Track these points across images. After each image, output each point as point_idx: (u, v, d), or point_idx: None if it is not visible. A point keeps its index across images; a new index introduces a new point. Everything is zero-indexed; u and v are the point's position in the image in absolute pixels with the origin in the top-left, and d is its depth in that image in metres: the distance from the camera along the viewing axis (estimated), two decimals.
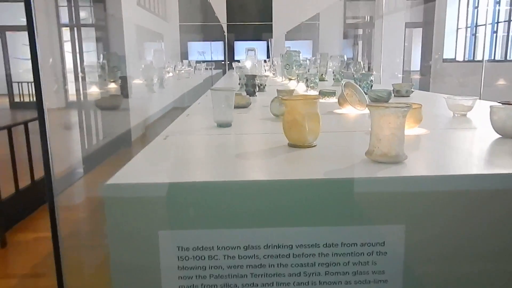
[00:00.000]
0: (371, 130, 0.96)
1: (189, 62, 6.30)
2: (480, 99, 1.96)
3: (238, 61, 4.62)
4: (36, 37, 1.15)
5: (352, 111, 1.74)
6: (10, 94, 7.43)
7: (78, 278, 1.51)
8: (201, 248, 0.86)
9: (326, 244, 0.87)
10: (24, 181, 3.37)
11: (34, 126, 3.54)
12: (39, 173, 3.56)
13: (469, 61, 7.51)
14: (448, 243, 0.89)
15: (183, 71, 5.53)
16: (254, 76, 2.36)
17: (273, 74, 4.29)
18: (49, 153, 1.21)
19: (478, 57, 7.40)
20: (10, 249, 2.86)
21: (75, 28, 4.30)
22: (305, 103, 1.08)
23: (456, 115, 1.61)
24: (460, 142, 1.23)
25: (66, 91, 4.38)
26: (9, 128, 3.21)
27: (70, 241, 1.34)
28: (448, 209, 0.88)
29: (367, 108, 1.74)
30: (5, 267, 2.69)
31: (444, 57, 7.71)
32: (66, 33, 4.77)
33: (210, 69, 6.85)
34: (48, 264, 2.71)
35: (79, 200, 3.05)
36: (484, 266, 0.90)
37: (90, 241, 2.77)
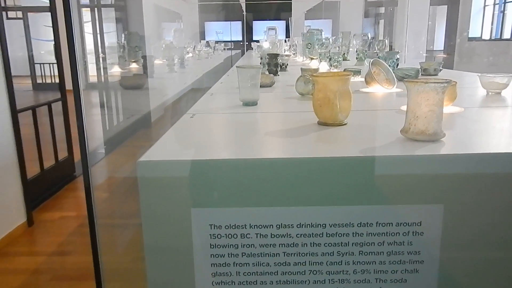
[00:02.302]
0: (407, 107, 0.92)
1: (207, 42, 6.26)
2: None
3: (257, 41, 4.55)
4: (72, 17, 1.14)
5: (380, 89, 1.70)
6: (33, 75, 7.53)
7: (111, 257, 1.53)
8: (233, 226, 0.85)
9: (361, 223, 0.85)
10: (49, 161, 3.44)
11: (56, 107, 3.58)
12: (62, 154, 3.63)
13: (496, 39, 7.24)
14: (487, 226, 0.86)
15: (202, 52, 5.50)
16: (276, 55, 2.32)
17: (294, 54, 4.22)
18: (85, 132, 1.21)
19: (505, 35, 7.12)
20: (37, 227, 2.94)
21: (95, 9, 4.29)
22: (337, 80, 1.05)
23: (490, 93, 1.55)
24: (498, 121, 1.18)
25: (86, 72, 4.41)
26: (33, 109, 3.25)
27: (99, 220, 1.35)
28: (489, 191, 0.84)
29: (395, 87, 1.70)
30: (32, 245, 2.77)
31: (470, 35, 7.45)
32: (86, 14, 4.77)
33: (230, 49, 6.79)
34: (74, 242, 2.78)
35: (101, 180, 3.10)
36: None
37: (118, 220, 2.82)
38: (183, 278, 0.89)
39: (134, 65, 3.32)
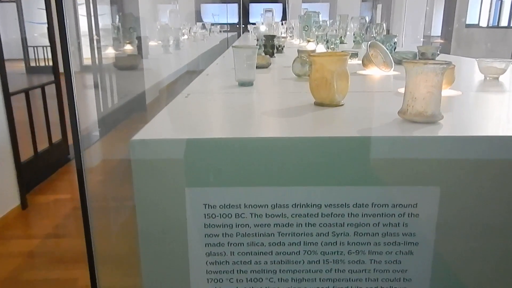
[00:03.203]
0: (405, 88, 0.91)
1: (203, 24, 6.17)
2: None
3: (254, 23, 4.49)
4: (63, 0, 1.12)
5: (377, 72, 1.68)
6: (26, 59, 7.41)
7: (104, 239, 1.52)
8: (228, 206, 0.85)
9: (356, 204, 0.85)
10: (42, 144, 3.41)
11: (50, 90, 3.54)
12: (56, 137, 3.60)
13: (493, 27, 7.20)
14: (483, 209, 0.85)
15: (198, 34, 5.43)
16: (273, 37, 2.29)
17: (290, 36, 4.17)
18: (77, 115, 1.19)
19: (503, 23, 7.08)
20: (31, 210, 2.93)
21: None
22: (335, 60, 1.03)
23: (488, 78, 1.54)
24: (496, 105, 1.17)
25: (80, 54, 4.34)
26: (26, 92, 3.21)
27: (92, 203, 1.34)
28: (486, 174, 0.83)
29: (392, 69, 1.69)
30: (27, 228, 2.76)
31: (467, 22, 7.40)
32: None
33: (226, 31, 6.70)
34: (69, 225, 2.77)
35: (96, 162, 3.08)
36: None
37: (113, 203, 2.81)
38: (177, 258, 0.88)
39: (128, 47, 3.28)
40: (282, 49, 2.63)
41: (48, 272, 2.21)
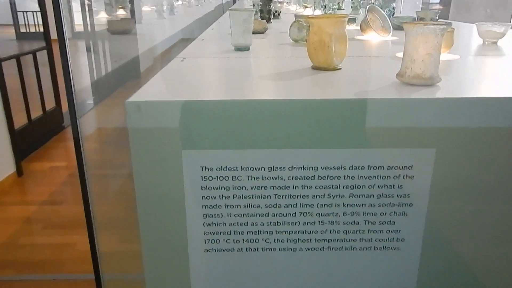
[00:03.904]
0: (404, 50, 0.90)
1: None
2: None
3: None
4: None
5: (375, 37, 1.66)
6: (16, 24, 7.22)
7: (102, 205, 1.53)
8: (224, 169, 0.85)
9: (352, 166, 0.85)
10: (36, 112, 3.38)
11: (42, 58, 3.47)
12: (49, 104, 3.56)
13: None
14: (477, 171, 0.86)
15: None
16: (269, 1, 2.24)
17: (287, 3, 4.10)
18: (72, 85, 1.17)
19: None
20: (27, 178, 2.93)
21: None
22: (333, 22, 1.01)
23: (486, 42, 1.52)
24: (494, 68, 1.16)
25: (72, 20, 4.23)
26: (17, 58, 3.15)
27: (90, 171, 1.34)
28: (482, 138, 0.83)
29: (391, 34, 1.66)
30: (24, 194, 2.78)
31: None
32: None
33: None
34: (66, 192, 2.79)
35: (91, 130, 3.06)
36: None
37: (110, 170, 2.81)
38: (174, 221, 0.89)
39: (121, 12, 3.19)
40: (279, 14, 2.58)
41: (46, 237, 2.24)
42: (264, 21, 1.90)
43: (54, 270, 1.98)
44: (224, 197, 0.87)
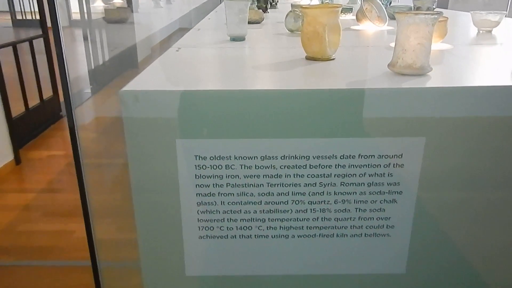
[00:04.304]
0: (396, 40, 0.91)
1: None
2: (506, 16, 1.85)
3: None
4: None
5: (370, 27, 1.66)
6: (12, 11, 7.15)
7: (99, 194, 1.55)
8: (218, 158, 0.86)
9: (343, 155, 0.87)
10: (33, 101, 3.37)
11: (39, 46, 3.45)
12: (46, 93, 3.55)
13: None
14: (467, 160, 0.88)
15: None
16: None
17: None
18: (67, 74, 1.18)
19: None
20: (25, 166, 2.95)
21: None
22: (327, 12, 1.02)
23: (481, 31, 1.53)
24: (486, 57, 1.17)
25: (68, 8, 4.21)
26: (14, 45, 3.14)
27: (86, 160, 1.35)
28: (472, 126, 0.85)
29: (386, 24, 1.66)
30: (22, 182, 2.79)
31: None
32: None
33: None
34: (64, 180, 2.80)
35: (88, 120, 3.07)
36: (504, 193, 0.90)
37: (106, 159, 2.82)
38: (169, 209, 0.91)
39: (118, 0, 3.18)
40: (276, 4, 2.58)
41: (44, 225, 2.26)
42: (261, 11, 1.90)
43: (52, 256, 2.00)
44: (217, 186, 0.89)
